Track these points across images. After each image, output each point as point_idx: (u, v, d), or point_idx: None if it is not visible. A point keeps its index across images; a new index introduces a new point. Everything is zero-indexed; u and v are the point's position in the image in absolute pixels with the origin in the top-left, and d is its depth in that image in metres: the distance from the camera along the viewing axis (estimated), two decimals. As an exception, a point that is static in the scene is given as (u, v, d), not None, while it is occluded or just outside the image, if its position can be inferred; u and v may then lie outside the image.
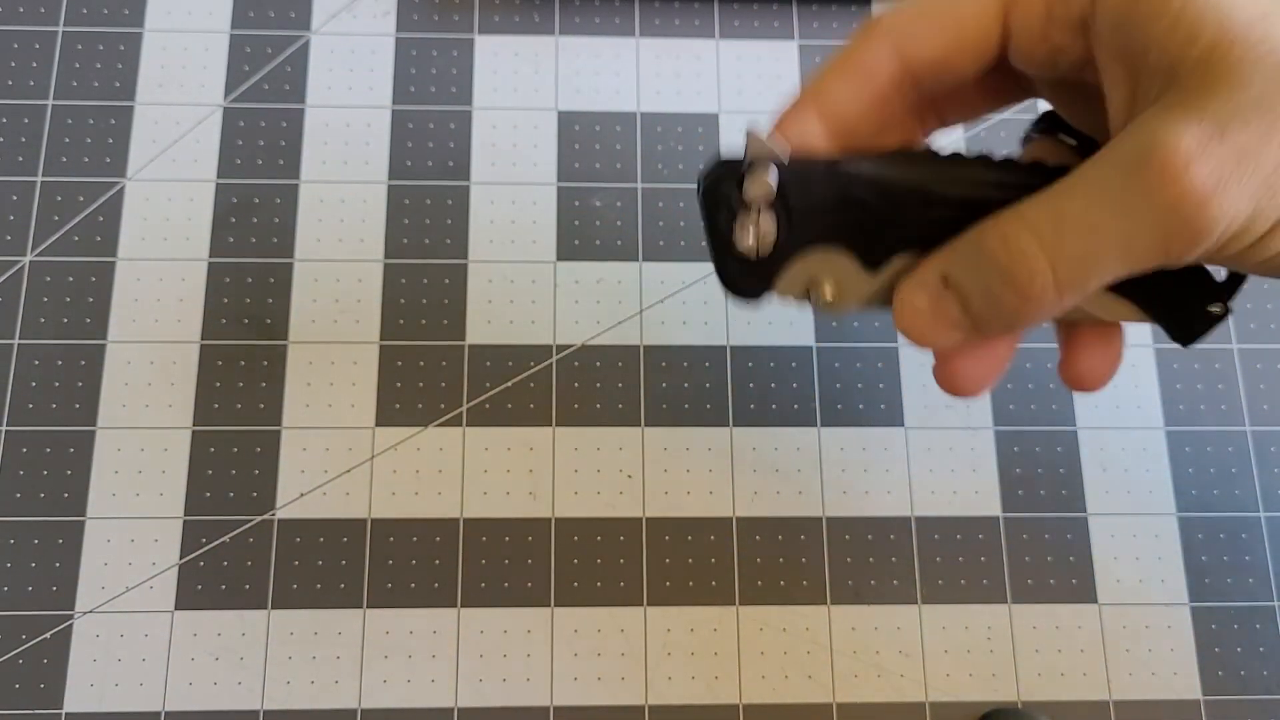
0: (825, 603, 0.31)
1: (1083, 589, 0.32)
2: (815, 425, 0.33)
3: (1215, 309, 0.25)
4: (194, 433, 0.32)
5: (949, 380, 0.26)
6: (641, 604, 0.31)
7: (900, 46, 0.23)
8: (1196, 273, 0.25)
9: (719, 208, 0.24)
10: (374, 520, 0.31)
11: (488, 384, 0.33)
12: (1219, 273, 0.25)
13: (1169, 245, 0.21)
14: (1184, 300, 0.25)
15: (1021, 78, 0.24)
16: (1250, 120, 0.20)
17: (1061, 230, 0.21)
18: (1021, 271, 0.21)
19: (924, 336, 0.24)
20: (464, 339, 0.33)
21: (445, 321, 0.33)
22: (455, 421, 0.32)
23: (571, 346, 0.33)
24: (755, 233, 0.24)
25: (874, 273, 0.25)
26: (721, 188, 0.24)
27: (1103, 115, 0.23)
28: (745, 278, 0.25)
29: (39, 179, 0.34)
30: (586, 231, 0.34)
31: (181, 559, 0.31)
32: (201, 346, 0.33)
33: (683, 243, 0.34)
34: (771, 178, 0.23)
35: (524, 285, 0.34)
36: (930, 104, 0.25)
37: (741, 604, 0.31)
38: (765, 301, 0.25)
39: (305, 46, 0.36)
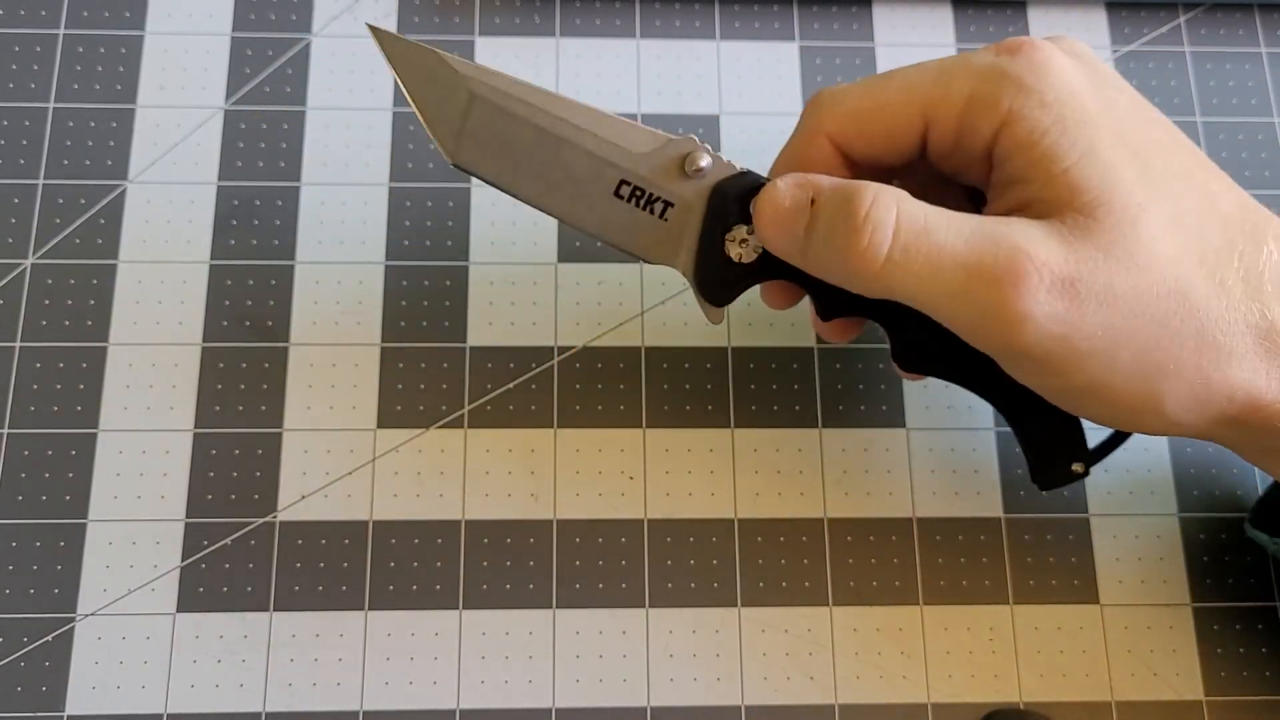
0: (827, 604, 0.31)
1: (1084, 590, 0.32)
2: (817, 426, 0.33)
3: (1077, 468, 0.28)
4: (195, 435, 0.32)
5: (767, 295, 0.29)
6: (643, 605, 0.31)
7: (837, 144, 0.26)
8: (1074, 430, 0.28)
9: (722, 210, 0.27)
10: (375, 522, 0.31)
11: (489, 386, 0.33)
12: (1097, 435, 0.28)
13: (975, 329, 0.24)
14: (1055, 449, 0.28)
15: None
16: (1098, 281, 0.23)
17: (918, 245, 0.23)
18: (863, 238, 0.24)
19: (768, 229, 0.26)
20: (465, 341, 0.33)
21: (446, 323, 0.33)
22: (457, 423, 0.32)
23: (573, 348, 0.33)
24: (742, 241, 0.27)
25: (823, 323, 0.28)
26: (732, 191, 0.26)
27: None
28: (719, 279, 0.27)
29: (40, 182, 0.34)
30: (587, 233, 0.34)
31: (183, 561, 0.31)
32: (203, 349, 0.33)
33: (684, 244, 0.34)
34: None
35: (525, 287, 0.34)
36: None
37: (743, 605, 0.31)
38: (721, 306, 0.27)
39: (306, 49, 0.36)
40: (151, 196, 0.34)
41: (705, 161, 0.26)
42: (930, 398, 0.33)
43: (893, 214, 0.24)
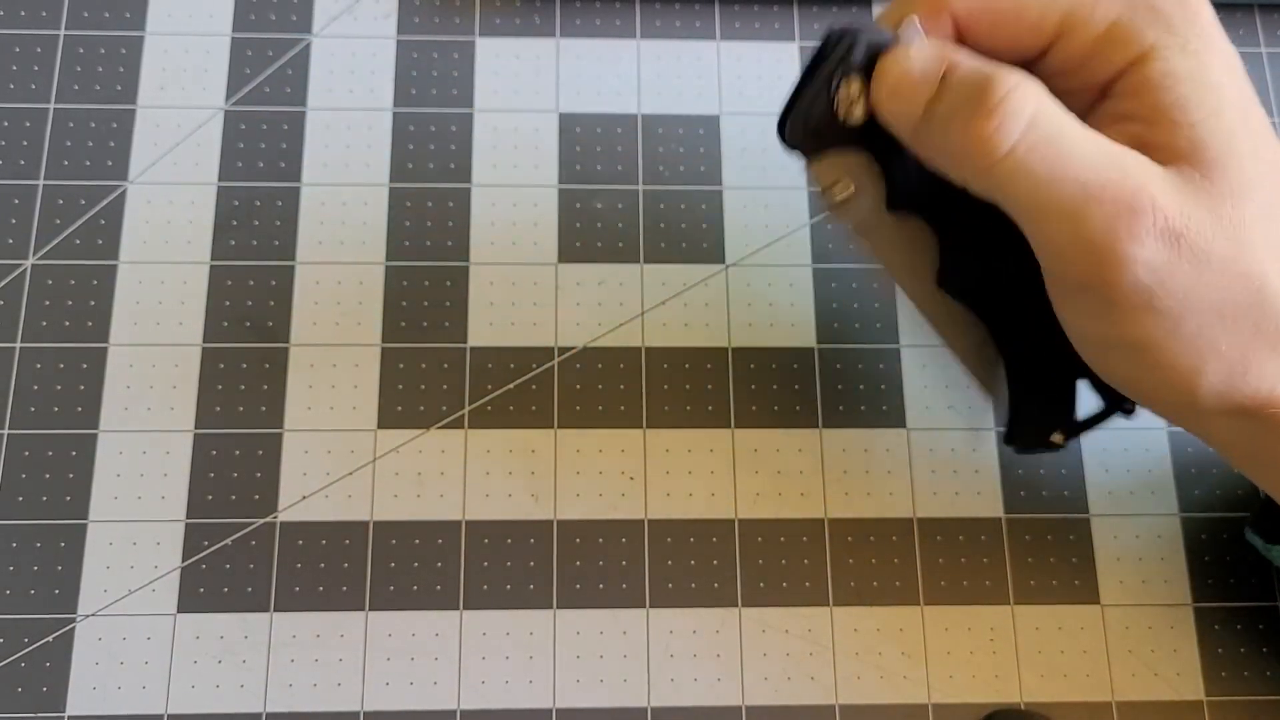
0: (828, 604, 0.31)
1: (1085, 590, 0.32)
2: (817, 427, 0.33)
3: (1056, 438, 0.28)
4: (196, 435, 0.32)
5: None
6: (644, 606, 0.31)
7: (960, 24, 0.24)
8: (1067, 399, 0.27)
9: (842, 59, 0.24)
10: (376, 523, 0.31)
11: (489, 386, 0.33)
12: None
13: (1068, 255, 0.23)
14: (1041, 413, 0.27)
15: None
16: (1201, 242, 0.22)
17: (1046, 146, 0.22)
18: (992, 124, 0.22)
19: (887, 95, 0.24)
20: (465, 341, 0.33)
21: (447, 324, 0.33)
22: (457, 424, 0.32)
23: (573, 348, 0.33)
24: (852, 97, 0.24)
25: (890, 212, 0.26)
26: (861, 37, 0.24)
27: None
28: (811, 127, 0.25)
29: (40, 183, 0.34)
30: (588, 233, 0.34)
31: (184, 562, 0.31)
32: (203, 349, 0.33)
33: (684, 245, 0.34)
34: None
35: (525, 287, 0.34)
36: None
37: (744, 605, 0.31)
38: (798, 158, 0.26)
39: (306, 49, 0.36)
40: (152, 197, 0.34)
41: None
42: (931, 398, 0.33)
43: (1030, 107, 0.22)
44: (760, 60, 0.36)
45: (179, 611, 0.31)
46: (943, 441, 0.33)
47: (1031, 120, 0.22)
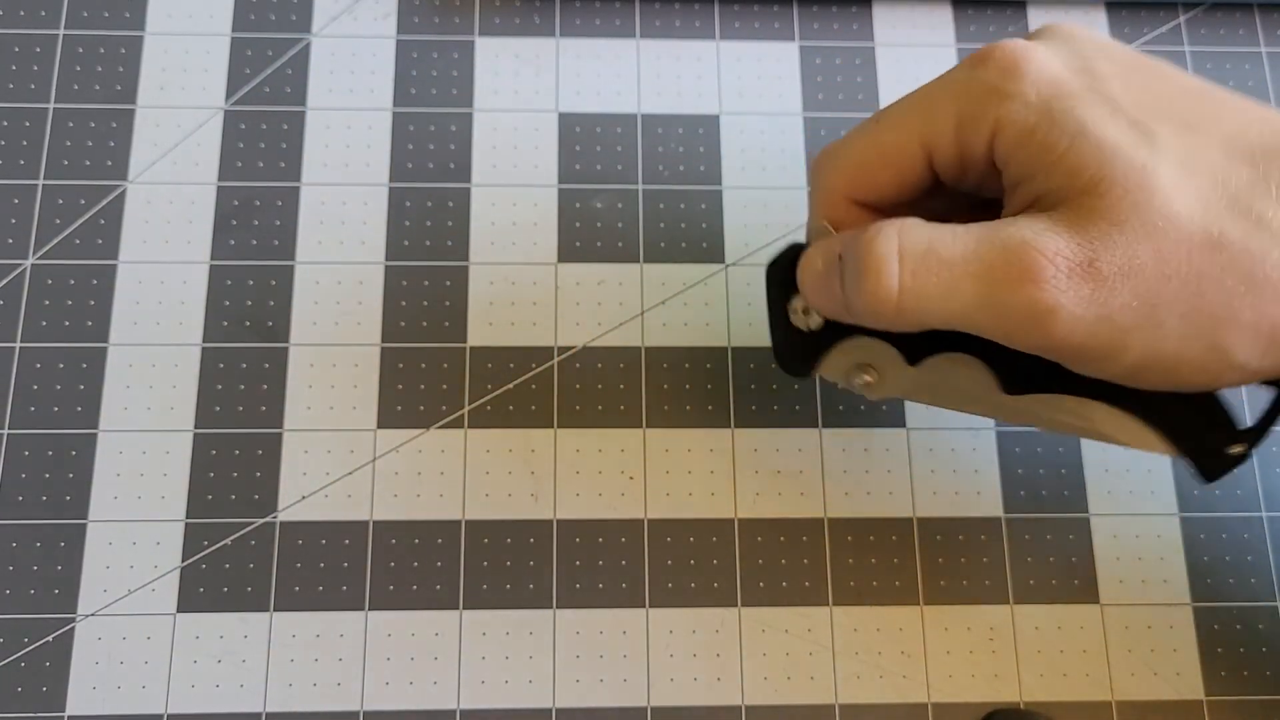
0: (827, 604, 0.31)
1: (1085, 589, 0.32)
2: (817, 426, 0.33)
3: (1236, 450, 0.26)
4: (195, 435, 0.32)
5: None
6: (644, 605, 0.31)
7: (853, 198, 0.26)
8: (1220, 413, 0.26)
9: (781, 283, 0.28)
10: (376, 522, 0.31)
11: (489, 386, 0.33)
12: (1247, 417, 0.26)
13: (1012, 335, 0.23)
14: (1206, 437, 0.26)
15: None
16: (1118, 255, 0.22)
17: (926, 266, 0.23)
18: (873, 276, 0.24)
19: (812, 295, 0.27)
20: (465, 341, 0.33)
21: (446, 323, 0.33)
22: (457, 423, 0.32)
23: (573, 348, 0.33)
24: (805, 310, 0.27)
25: (914, 366, 0.27)
26: (785, 264, 0.27)
27: None
28: (795, 352, 0.28)
29: (40, 182, 0.34)
30: (587, 233, 0.34)
31: (183, 561, 0.31)
32: (203, 349, 0.33)
33: (684, 244, 0.34)
34: None
35: (525, 287, 0.34)
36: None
37: (743, 605, 0.31)
38: (812, 376, 0.28)
39: (306, 49, 0.36)
40: (151, 197, 0.34)
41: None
42: (930, 397, 0.33)
43: (894, 244, 0.24)
44: (760, 60, 0.36)
45: (179, 611, 0.31)
46: (942, 441, 0.33)
47: (900, 253, 0.23)
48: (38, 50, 0.35)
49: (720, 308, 0.34)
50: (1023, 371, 0.26)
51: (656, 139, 0.35)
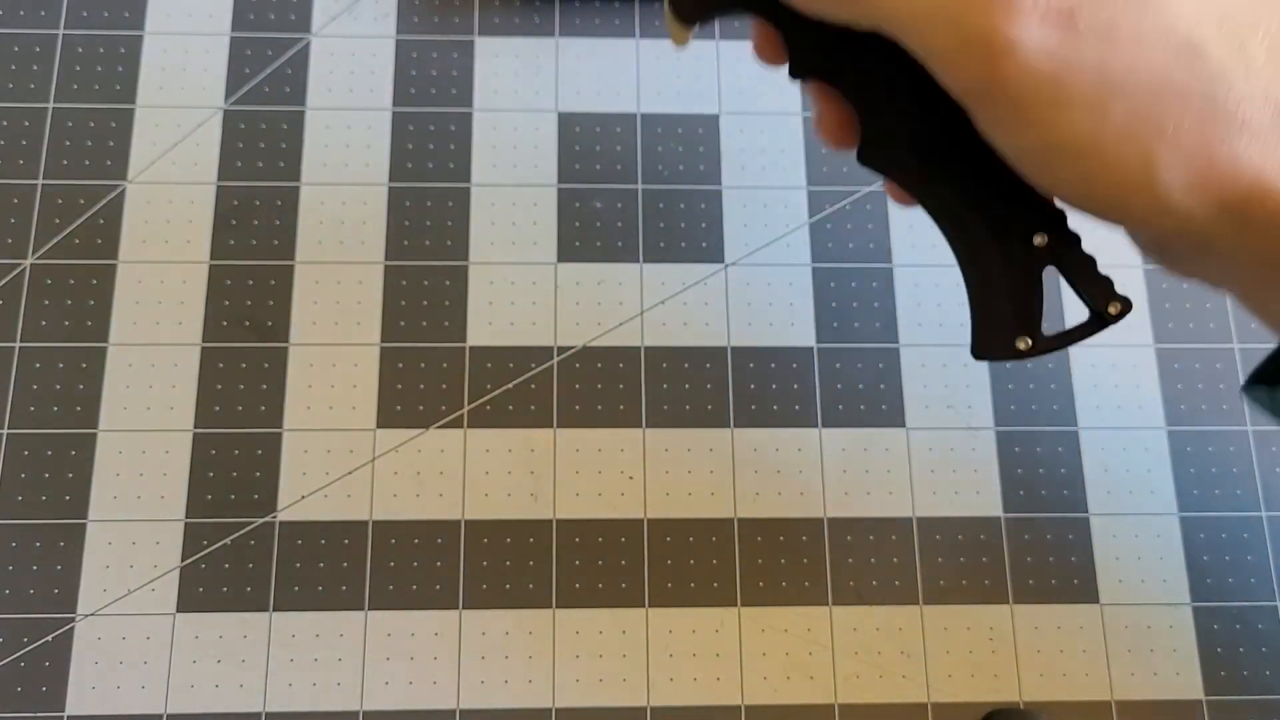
0: (827, 603, 0.31)
1: (1084, 589, 0.32)
2: (816, 426, 0.33)
3: (1022, 344, 0.24)
4: (195, 435, 0.32)
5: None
6: (643, 605, 0.31)
7: None
8: (1032, 299, 0.24)
9: None
10: (375, 522, 0.31)
11: (489, 386, 0.33)
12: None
13: (954, 60, 0.21)
14: (1007, 313, 0.24)
15: None
16: (1101, 14, 0.20)
17: None
18: None
19: None
20: (465, 341, 0.33)
21: (446, 323, 0.33)
22: (456, 423, 0.32)
23: (572, 348, 0.33)
24: None
25: (795, 79, 0.25)
26: None
27: None
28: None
29: (40, 182, 0.34)
30: (587, 233, 0.34)
31: (183, 561, 0.31)
32: (202, 349, 0.33)
33: (683, 244, 0.34)
34: None
35: (525, 287, 0.34)
36: None
37: (743, 605, 0.31)
38: (691, 24, 0.26)
39: (305, 49, 0.36)
40: (151, 197, 0.34)
41: None
42: (930, 397, 0.33)
43: None
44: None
45: (178, 611, 0.31)
46: (942, 441, 0.33)
47: None
48: (37, 50, 0.35)
49: (719, 307, 0.34)
50: (893, 139, 0.24)
51: (656, 139, 0.35)
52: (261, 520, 0.31)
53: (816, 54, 0.24)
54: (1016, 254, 0.24)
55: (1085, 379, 0.33)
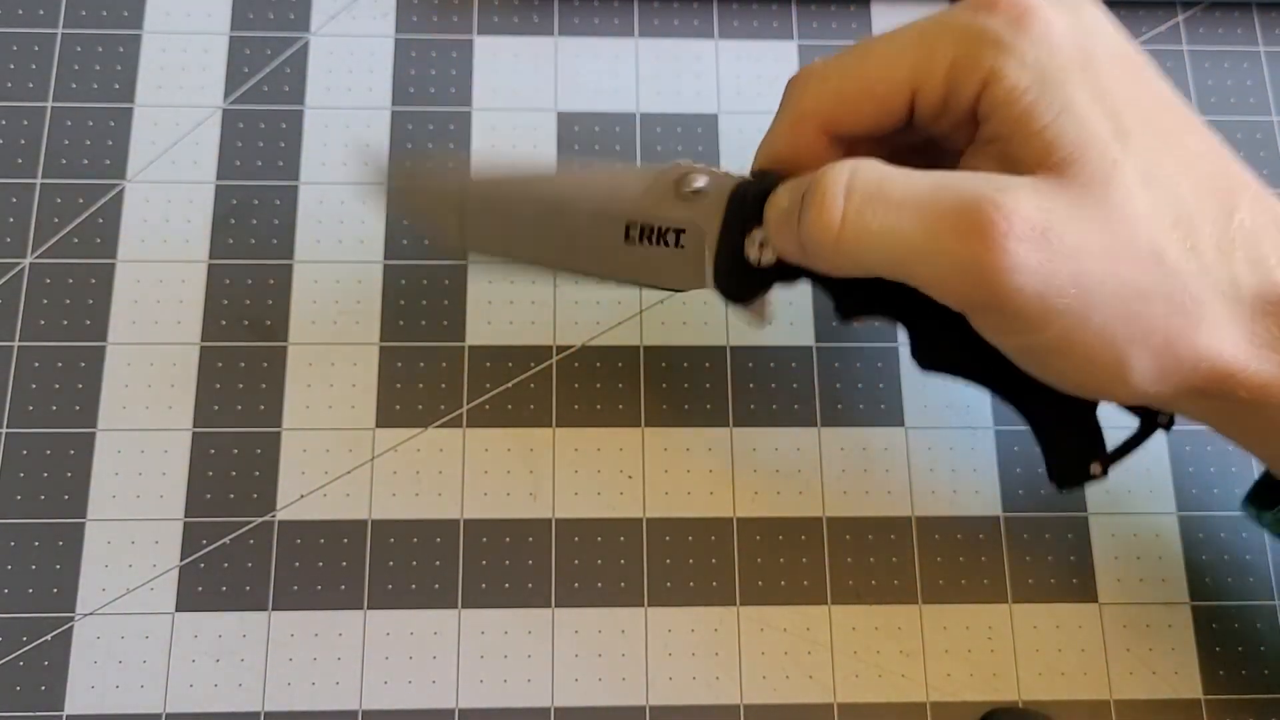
0: (826, 603, 0.31)
1: (1083, 588, 0.32)
2: (815, 425, 0.33)
3: (1095, 469, 0.27)
4: (194, 434, 0.32)
5: None
6: (642, 604, 0.31)
7: (824, 125, 0.26)
8: (1091, 428, 0.27)
9: (741, 211, 0.26)
10: (374, 521, 0.31)
11: (488, 385, 0.33)
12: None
13: (949, 285, 0.23)
14: (1072, 447, 0.27)
15: None
16: (1070, 234, 0.22)
17: (873, 203, 0.23)
18: (818, 206, 0.23)
19: (774, 231, 0.26)
20: (464, 340, 0.33)
21: (445, 322, 0.33)
22: (455, 422, 0.32)
23: (572, 347, 0.33)
24: (762, 244, 0.26)
25: (845, 322, 0.27)
26: (748, 194, 0.26)
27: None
28: (737, 282, 0.27)
29: (38, 181, 0.34)
30: (586, 232, 0.34)
31: (182, 560, 0.31)
32: (201, 348, 0.33)
33: (682, 243, 0.34)
34: None
35: (524, 286, 0.34)
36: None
37: (742, 604, 0.31)
38: (747, 306, 0.27)
39: (304, 48, 0.36)
40: (150, 196, 0.34)
41: (701, 182, 0.26)
42: (929, 396, 0.33)
43: (844, 177, 0.23)
44: (759, 59, 0.36)
45: (177, 610, 0.31)
46: (941, 440, 0.33)
47: (848, 188, 0.23)
48: (36, 49, 0.35)
49: (719, 307, 0.34)
50: (938, 349, 0.27)
51: (655, 138, 0.35)
52: (260, 520, 0.31)
53: (860, 302, 0.27)
54: (1071, 409, 0.27)
55: (1084, 378, 0.33)
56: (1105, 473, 0.27)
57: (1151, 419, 0.27)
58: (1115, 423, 0.26)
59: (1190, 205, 0.23)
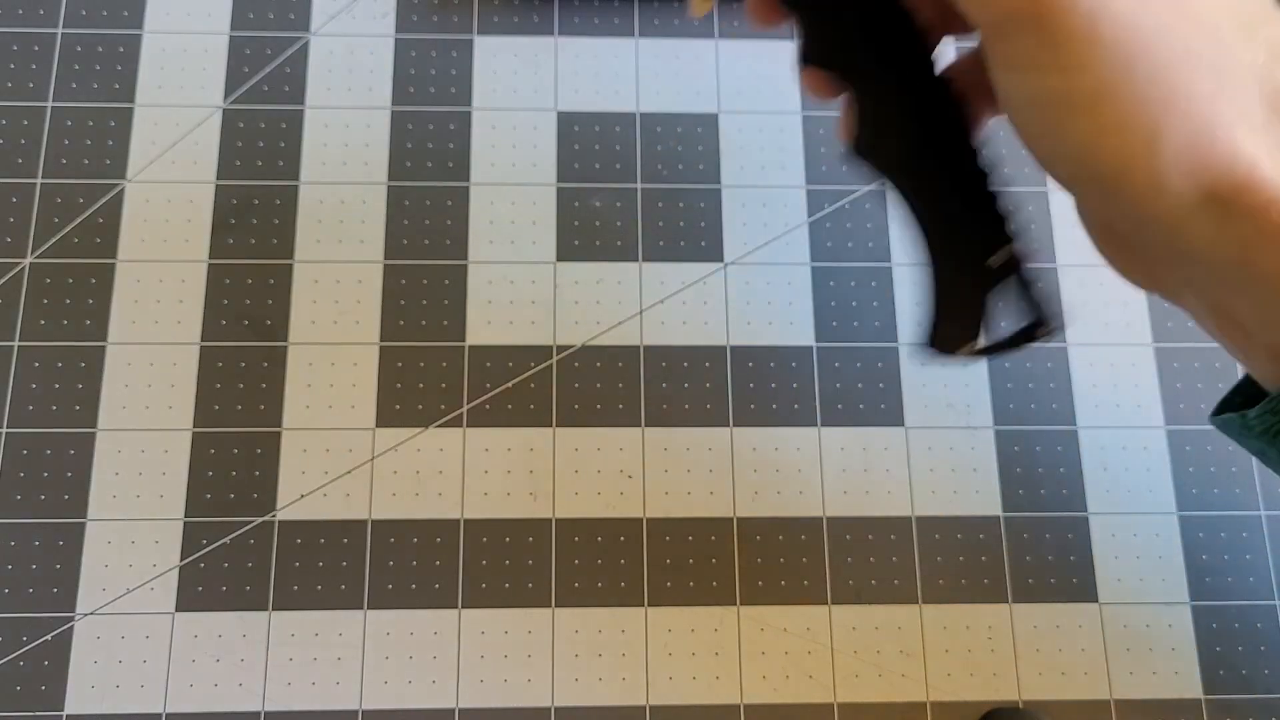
0: (826, 602, 0.31)
1: (1083, 588, 0.32)
2: (815, 425, 0.33)
3: (968, 348, 0.25)
4: (194, 434, 0.32)
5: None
6: (642, 604, 0.31)
7: None
8: (984, 312, 0.25)
9: None
10: (374, 521, 0.31)
11: (488, 385, 0.33)
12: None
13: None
14: (960, 318, 0.26)
15: None
16: None
17: None
18: None
19: None
20: (464, 340, 0.33)
21: (445, 322, 0.33)
22: (455, 422, 0.32)
23: (572, 347, 0.33)
24: None
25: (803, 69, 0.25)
26: None
27: None
28: None
29: (39, 181, 0.34)
30: (586, 232, 0.34)
31: (182, 560, 0.31)
32: (201, 348, 0.33)
33: (682, 243, 0.34)
34: None
35: (524, 286, 0.34)
36: None
37: (742, 604, 0.31)
38: None
39: (305, 48, 0.36)
40: (150, 196, 0.34)
41: None
42: (929, 396, 0.33)
43: None
44: (759, 59, 0.36)
45: (177, 610, 0.31)
46: (941, 440, 0.33)
47: None
48: (36, 49, 0.35)
49: (719, 306, 0.34)
50: (892, 126, 0.25)
51: (655, 138, 0.35)
52: (261, 519, 0.31)
53: (829, 42, 0.25)
54: (977, 265, 0.25)
55: (1084, 378, 0.33)
56: (978, 353, 0.26)
57: (1038, 323, 0.26)
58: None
59: (1251, 10, 0.21)
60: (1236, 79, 0.20)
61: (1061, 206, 0.35)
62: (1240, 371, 0.24)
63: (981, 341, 0.26)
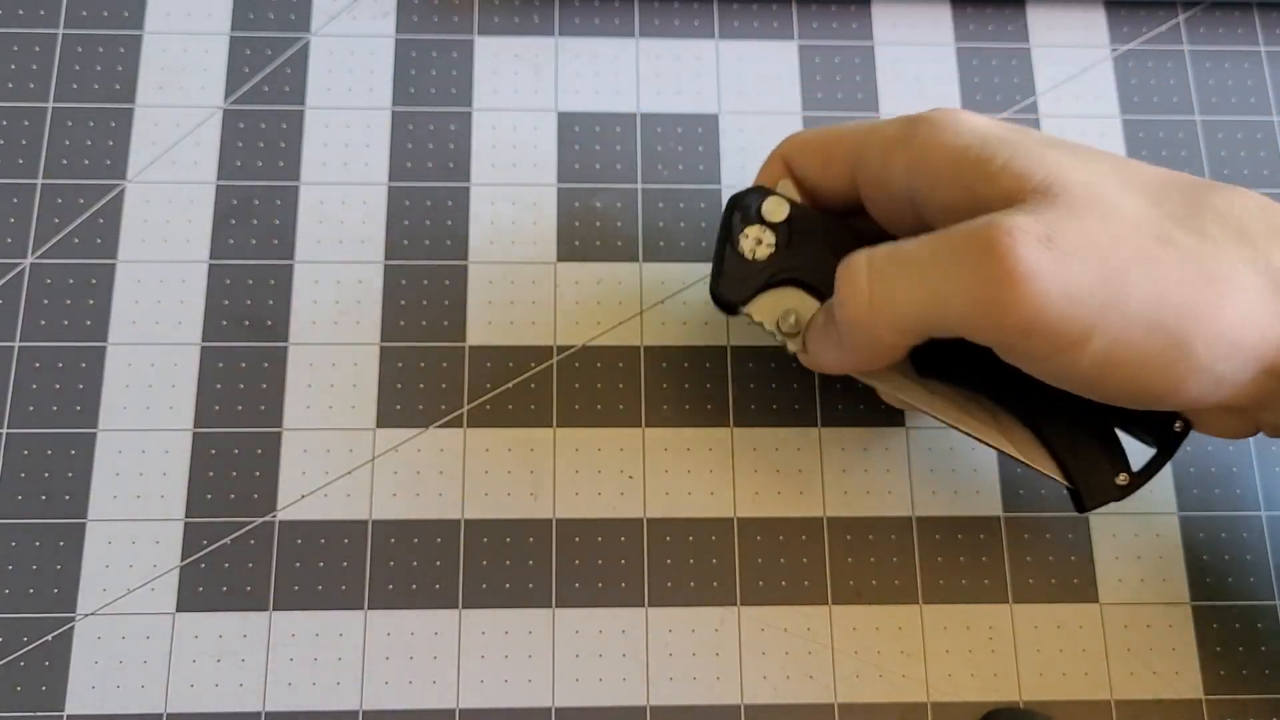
0: (827, 603, 0.31)
1: (1084, 588, 0.32)
2: (816, 425, 0.33)
3: (1122, 479, 0.27)
4: (195, 434, 0.32)
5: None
6: (643, 605, 0.31)
7: (790, 167, 0.29)
8: (1110, 439, 0.27)
9: (735, 211, 0.28)
10: (375, 521, 0.31)
11: (488, 385, 0.33)
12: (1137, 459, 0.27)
13: (978, 315, 0.23)
14: (1096, 462, 0.27)
15: None
16: (1076, 230, 0.22)
17: (892, 263, 0.24)
18: (845, 283, 0.25)
19: (813, 342, 0.28)
20: (464, 340, 0.33)
21: (446, 323, 0.33)
22: (456, 422, 0.32)
23: (572, 347, 0.33)
24: (756, 240, 0.28)
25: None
26: (745, 199, 0.29)
27: None
28: (735, 278, 0.28)
29: (39, 181, 0.34)
30: (587, 232, 0.34)
31: (182, 561, 0.31)
32: (202, 348, 0.33)
33: (683, 243, 0.34)
34: (784, 206, 0.28)
35: (524, 286, 0.34)
36: None
37: (743, 604, 0.31)
38: (739, 313, 0.29)
39: (305, 48, 0.36)
40: (150, 196, 0.34)
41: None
42: (929, 397, 0.33)
43: (862, 256, 0.25)
44: (759, 59, 0.36)
45: (178, 610, 0.31)
46: (942, 440, 0.33)
47: (869, 261, 0.25)
48: (37, 49, 0.35)
49: (719, 307, 0.34)
50: (936, 353, 0.27)
51: (656, 138, 0.35)
52: (261, 520, 0.31)
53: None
54: (1090, 420, 0.27)
55: (1085, 378, 0.33)
56: (1132, 485, 0.27)
57: (1169, 432, 0.27)
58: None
59: (1178, 205, 0.23)
60: (1219, 267, 0.22)
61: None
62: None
63: (1131, 471, 0.27)
